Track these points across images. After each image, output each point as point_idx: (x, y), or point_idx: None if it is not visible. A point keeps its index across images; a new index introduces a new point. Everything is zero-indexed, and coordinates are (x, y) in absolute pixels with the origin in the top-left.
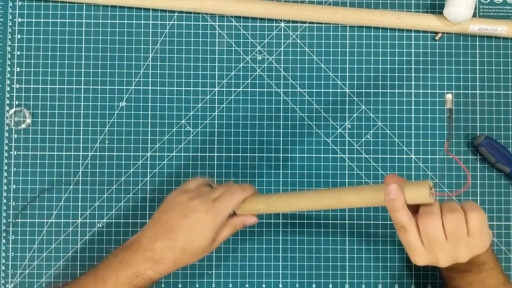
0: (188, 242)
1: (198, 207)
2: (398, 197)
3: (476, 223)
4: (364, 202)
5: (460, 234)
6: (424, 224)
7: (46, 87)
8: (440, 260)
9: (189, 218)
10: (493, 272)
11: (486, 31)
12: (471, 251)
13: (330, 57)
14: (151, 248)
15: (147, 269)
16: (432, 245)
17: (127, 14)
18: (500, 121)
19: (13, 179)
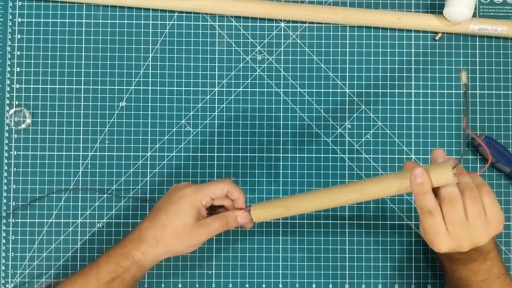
0: (167, 217)
1: (182, 187)
2: (425, 181)
3: (492, 204)
4: (388, 191)
5: (480, 216)
6: (447, 208)
7: (46, 87)
8: (464, 244)
9: (173, 196)
10: (497, 261)
11: (486, 31)
12: (489, 232)
13: (330, 57)
14: (139, 228)
15: (131, 248)
16: (456, 229)
17: (127, 14)
18: (500, 121)
19: (13, 179)
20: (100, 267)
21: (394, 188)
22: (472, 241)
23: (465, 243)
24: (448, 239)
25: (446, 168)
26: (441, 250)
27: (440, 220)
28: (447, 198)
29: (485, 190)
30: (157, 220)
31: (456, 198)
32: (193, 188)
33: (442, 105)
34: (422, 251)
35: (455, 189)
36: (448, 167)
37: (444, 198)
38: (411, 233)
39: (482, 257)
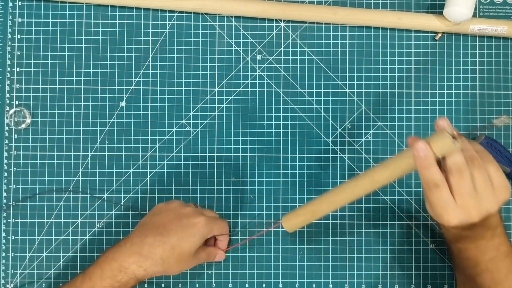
0: (179, 240)
1: (192, 213)
2: (428, 153)
3: (497, 171)
4: (396, 173)
5: (487, 184)
6: (455, 178)
7: (46, 87)
8: (473, 214)
9: (183, 220)
10: (504, 238)
11: (486, 31)
12: (498, 199)
13: (330, 57)
14: (140, 242)
15: (132, 264)
16: (464, 200)
17: (127, 14)
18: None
19: (13, 179)
20: (94, 282)
21: (401, 169)
22: (481, 210)
23: (475, 212)
24: (457, 211)
25: (444, 137)
26: (451, 223)
27: (447, 193)
28: (454, 168)
29: (488, 158)
30: (166, 240)
31: (463, 168)
32: (206, 220)
33: (442, 105)
34: (422, 251)
35: (461, 158)
36: (445, 134)
37: (451, 168)
38: (411, 233)
39: (490, 232)
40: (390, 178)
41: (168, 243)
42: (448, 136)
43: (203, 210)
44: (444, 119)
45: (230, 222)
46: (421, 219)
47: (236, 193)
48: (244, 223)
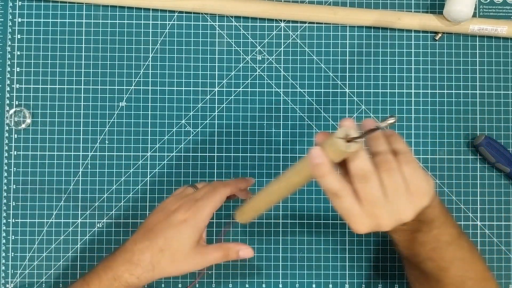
0: (166, 241)
1: (180, 207)
2: (323, 160)
3: (414, 174)
4: (300, 178)
5: (400, 190)
6: (359, 185)
7: (46, 87)
8: (383, 222)
9: (170, 218)
10: (445, 227)
11: (486, 31)
12: (414, 206)
13: (330, 57)
14: (131, 249)
15: (124, 272)
16: (372, 208)
17: (127, 14)
18: (500, 121)
19: (13, 179)
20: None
21: (304, 175)
22: (393, 219)
23: (385, 222)
24: (364, 220)
25: (332, 139)
26: (358, 231)
27: (350, 201)
28: (359, 175)
29: (405, 158)
30: (153, 243)
31: (368, 174)
32: (194, 212)
33: (442, 105)
34: None
35: (365, 162)
36: (334, 136)
37: (354, 175)
38: None
39: (426, 226)
40: (300, 182)
41: (155, 246)
42: (338, 138)
43: (197, 193)
44: (347, 120)
45: (230, 222)
46: None
47: None
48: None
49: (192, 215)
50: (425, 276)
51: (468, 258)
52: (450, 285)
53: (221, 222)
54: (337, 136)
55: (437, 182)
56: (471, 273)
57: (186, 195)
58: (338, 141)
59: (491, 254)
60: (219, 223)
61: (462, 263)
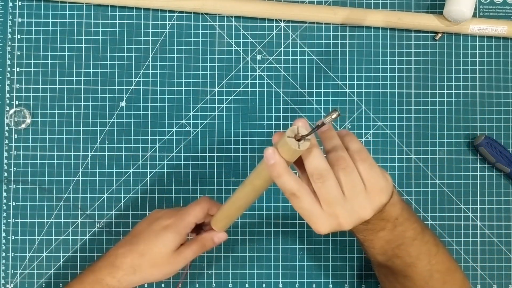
0: (147, 245)
1: (163, 215)
2: (278, 160)
3: (370, 172)
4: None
5: (357, 188)
6: (317, 185)
7: (46, 87)
8: (343, 221)
9: (153, 224)
10: (408, 223)
11: (486, 31)
12: (373, 204)
13: (330, 57)
14: (113, 253)
15: (106, 275)
16: (331, 207)
17: (127, 14)
18: (500, 121)
19: (13, 179)
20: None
21: (259, 184)
22: (353, 218)
23: (345, 221)
24: (325, 219)
25: (284, 138)
26: (320, 231)
27: (308, 201)
28: (315, 175)
29: (360, 156)
30: (135, 248)
31: (324, 173)
32: (176, 218)
33: (442, 105)
34: None
35: (320, 161)
36: (285, 134)
37: (311, 174)
38: None
39: (389, 224)
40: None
41: (136, 250)
42: (288, 137)
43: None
44: (300, 119)
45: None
46: (421, 219)
47: None
48: (244, 223)
49: (174, 221)
50: (393, 273)
51: (433, 251)
52: (418, 280)
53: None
54: (288, 135)
55: (437, 182)
56: (438, 265)
57: (172, 207)
58: (288, 140)
59: (491, 254)
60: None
61: (428, 256)
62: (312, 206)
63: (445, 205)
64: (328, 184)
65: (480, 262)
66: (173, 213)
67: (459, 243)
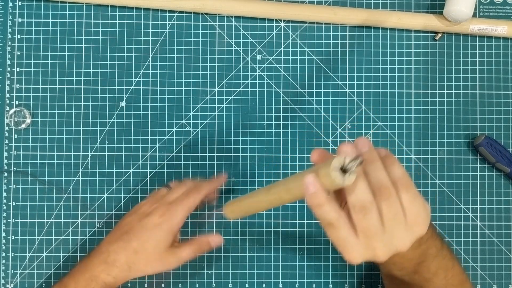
0: (141, 243)
1: (154, 211)
2: (319, 190)
3: (413, 202)
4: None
5: (398, 219)
6: (358, 216)
7: (46, 87)
8: (379, 253)
9: (143, 221)
10: (431, 240)
11: (486, 31)
12: (412, 236)
13: (330, 57)
14: (106, 250)
15: (101, 272)
16: (368, 238)
17: (127, 14)
18: (500, 121)
19: (13, 179)
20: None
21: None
22: (390, 250)
23: (382, 253)
24: (360, 250)
25: (327, 169)
26: (353, 262)
27: (345, 232)
28: (357, 207)
29: (404, 185)
30: (128, 245)
31: (368, 206)
32: (168, 216)
33: (442, 105)
34: None
35: (364, 193)
36: (329, 166)
37: (353, 205)
38: None
39: (415, 243)
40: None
41: (130, 248)
42: (333, 169)
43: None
44: (347, 145)
45: (230, 222)
46: None
47: (236, 193)
48: (244, 223)
49: (166, 219)
50: (407, 285)
51: (450, 265)
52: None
53: (262, 223)
54: (333, 168)
55: (437, 182)
56: (453, 279)
57: (161, 196)
58: (333, 174)
59: (491, 254)
60: (259, 223)
61: (445, 271)
62: (348, 237)
63: (445, 205)
64: (370, 217)
65: (480, 262)
66: (164, 210)
67: (459, 243)
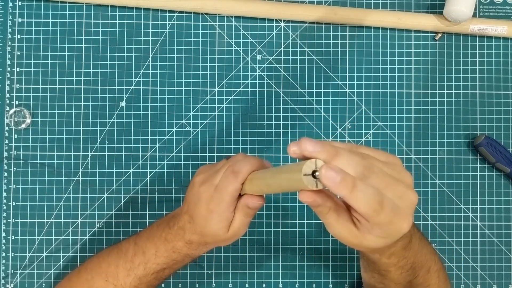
0: (203, 229)
1: (203, 194)
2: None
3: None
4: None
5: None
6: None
7: (46, 87)
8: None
9: (198, 206)
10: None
11: (486, 31)
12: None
13: (330, 57)
14: (182, 227)
15: (183, 247)
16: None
17: (127, 14)
18: (500, 121)
19: (13, 179)
20: (148, 258)
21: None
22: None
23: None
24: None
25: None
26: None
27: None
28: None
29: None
30: (195, 228)
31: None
32: (217, 199)
33: (442, 105)
34: None
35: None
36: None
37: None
38: None
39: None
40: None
41: (198, 231)
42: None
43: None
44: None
45: None
46: (421, 219)
47: None
48: None
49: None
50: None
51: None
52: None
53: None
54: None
55: (437, 182)
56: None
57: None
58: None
59: (491, 254)
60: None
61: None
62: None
63: (445, 205)
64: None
65: (480, 262)
66: (210, 194)
67: (459, 243)
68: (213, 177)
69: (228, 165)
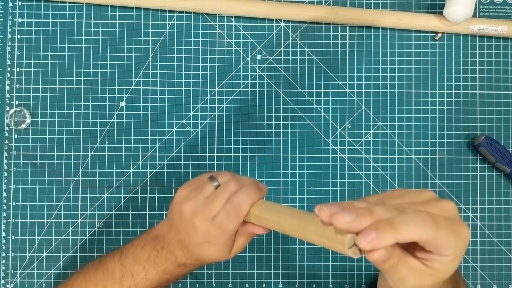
0: (201, 256)
1: (200, 228)
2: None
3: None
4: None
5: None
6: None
7: (46, 87)
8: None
9: (193, 238)
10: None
11: (486, 31)
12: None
13: (330, 57)
14: (173, 252)
15: (175, 269)
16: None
17: (127, 14)
18: (500, 121)
19: (13, 179)
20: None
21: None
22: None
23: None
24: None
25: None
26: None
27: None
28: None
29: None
30: (190, 255)
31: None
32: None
33: (442, 105)
34: None
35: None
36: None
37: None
38: None
39: None
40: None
41: (193, 257)
42: (351, 253)
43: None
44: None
45: None
46: None
47: None
48: None
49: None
50: None
51: None
52: None
53: None
54: (351, 252)
55: (437, 182)
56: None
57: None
58: (351, 252)
59: (491, 254)
60: None
61: None
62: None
63: None
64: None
65: (480, 262)
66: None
67: None
68: (207, 208)
69: (223, 195)
